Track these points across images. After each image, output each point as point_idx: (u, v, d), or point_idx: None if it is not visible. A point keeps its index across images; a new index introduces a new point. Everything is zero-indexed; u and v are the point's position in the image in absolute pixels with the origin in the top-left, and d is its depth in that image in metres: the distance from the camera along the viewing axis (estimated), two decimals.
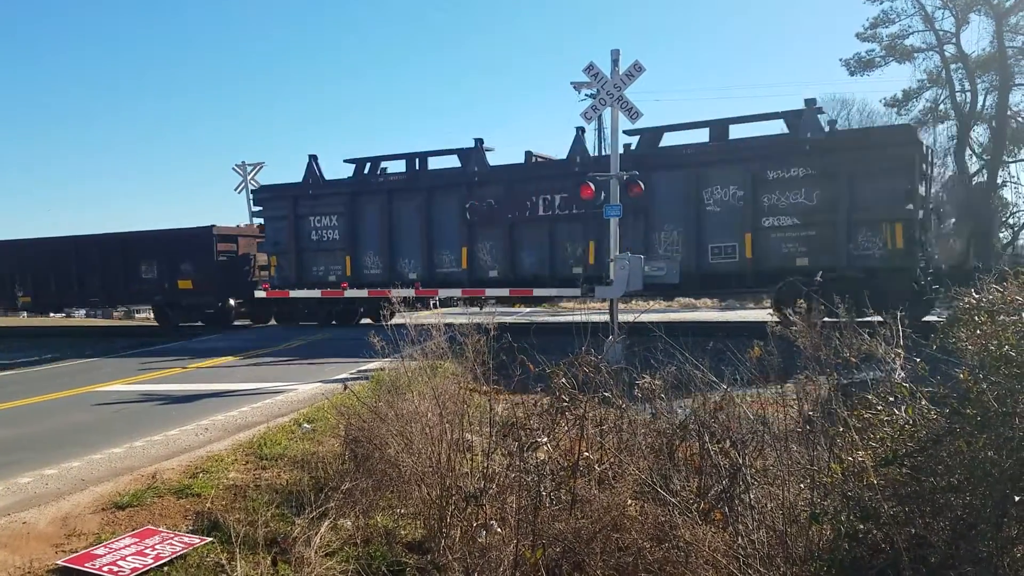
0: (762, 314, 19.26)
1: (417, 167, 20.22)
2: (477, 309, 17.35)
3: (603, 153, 21.43)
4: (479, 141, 19.29)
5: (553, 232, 18.10)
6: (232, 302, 23.27)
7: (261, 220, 22.47)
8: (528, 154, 19.51)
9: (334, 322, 21.32)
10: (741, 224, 16.24)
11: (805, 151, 15.75)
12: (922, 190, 15.59)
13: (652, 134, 17.49)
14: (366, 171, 20.76)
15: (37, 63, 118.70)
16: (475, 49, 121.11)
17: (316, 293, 20.72)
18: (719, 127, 16.97)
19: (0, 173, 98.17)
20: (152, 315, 26.77)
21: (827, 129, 16.27)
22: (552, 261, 18.09)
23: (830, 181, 15.59)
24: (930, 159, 17.38)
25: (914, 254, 15.22)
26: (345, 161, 21.51)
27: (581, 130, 18.10)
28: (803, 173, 15.76)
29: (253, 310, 23.36)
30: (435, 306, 13.65)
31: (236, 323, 23.81)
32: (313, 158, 21.00)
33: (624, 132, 17.08)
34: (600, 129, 38.72)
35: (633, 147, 17.57)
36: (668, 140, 17.81)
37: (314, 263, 20.98)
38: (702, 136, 17.50)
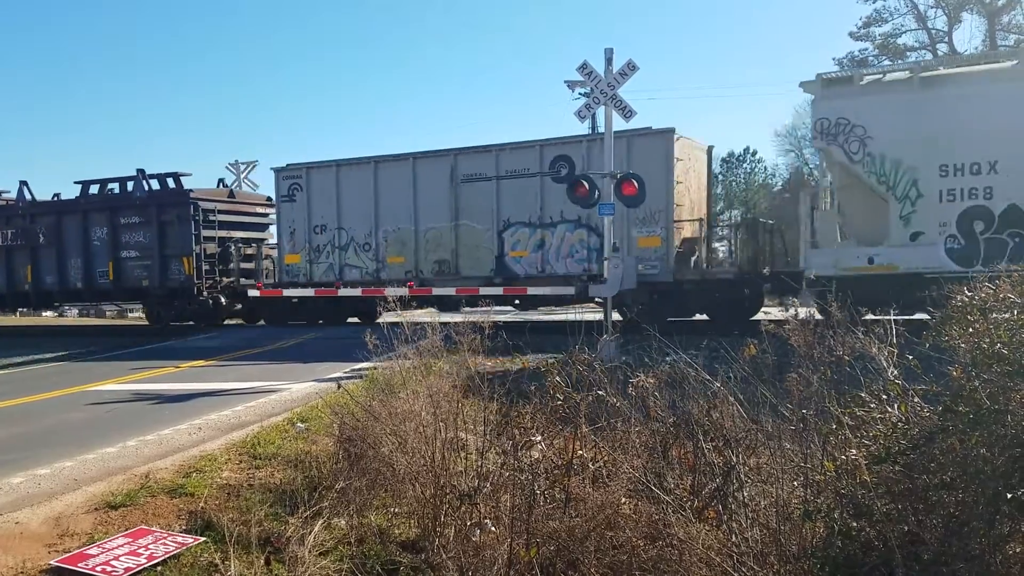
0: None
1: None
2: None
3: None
4: None
5: (10, 258, 23.82)
6: None
7: None
8: None
9: None
10: (108, 255, 22.44)
11: (137, 205, 22.20)
12: (210, 233, 21.99)
13: (100, 184, 23.10)
14: None
15: (33, 64, 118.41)
16: (471, 51, 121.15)
17: None
18: (129, 181, 22.64)
19: None
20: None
21: (154, 188, 22.45)
22: (11, 282, 23.72)
23: (152, 227, 21.95)
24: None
25: (202, 280, 21.86)
26: None
27: (24, 182, 24.06)
28: (139, 220, 22.19)
29: None
30: None
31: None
32: None
33: (74, 183, 23.96)
34: (594, 128, 38.71)
35: (79, 194, 23.31)
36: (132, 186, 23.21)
37: None
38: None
